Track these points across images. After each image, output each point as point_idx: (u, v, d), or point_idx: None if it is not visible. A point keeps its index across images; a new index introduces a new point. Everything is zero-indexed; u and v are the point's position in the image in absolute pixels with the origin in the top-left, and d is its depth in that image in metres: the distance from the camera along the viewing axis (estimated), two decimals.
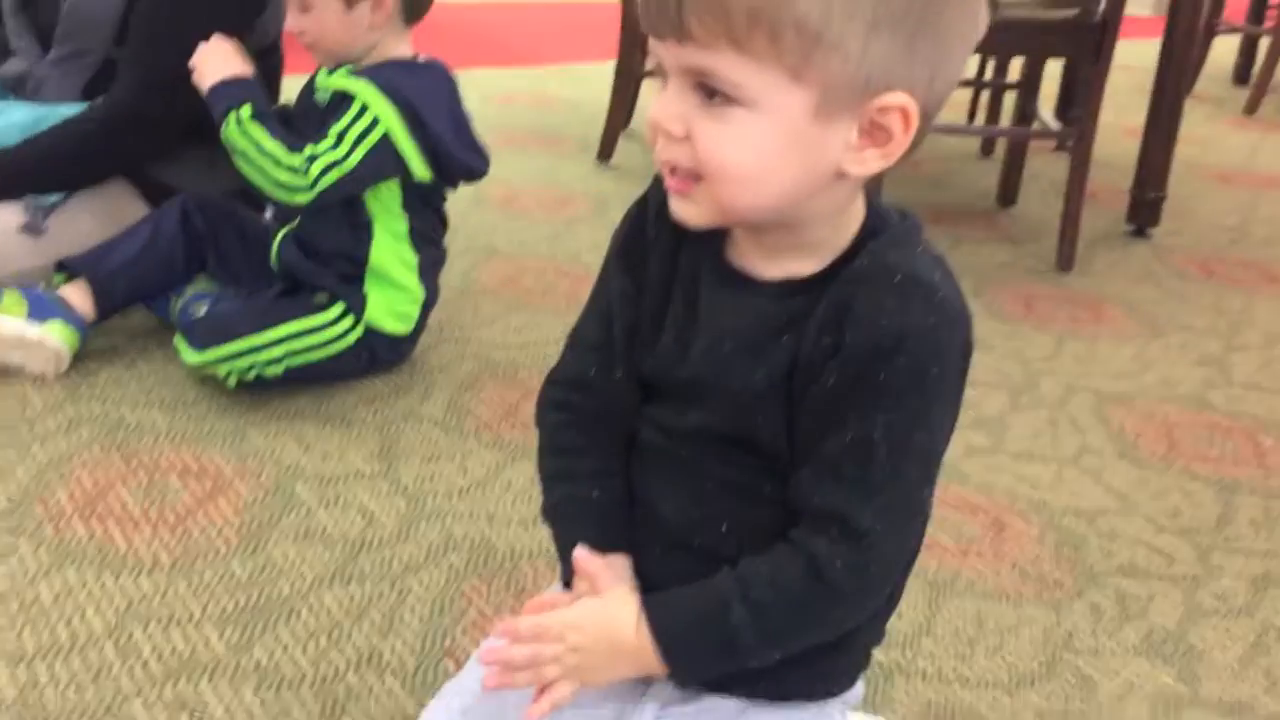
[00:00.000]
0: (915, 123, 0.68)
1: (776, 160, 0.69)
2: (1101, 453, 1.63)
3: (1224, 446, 1.68)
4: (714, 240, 0.80)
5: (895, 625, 1.22)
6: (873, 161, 0.70)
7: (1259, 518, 1.50)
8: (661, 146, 0.72)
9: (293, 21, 1.55)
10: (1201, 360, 1.97)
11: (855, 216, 0.76)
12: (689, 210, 0.73)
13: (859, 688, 0.88)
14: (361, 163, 1.52)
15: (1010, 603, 1.28)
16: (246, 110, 1.51)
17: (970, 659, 1.19)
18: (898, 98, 0.67)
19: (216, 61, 1.55)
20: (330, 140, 1.51)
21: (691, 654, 0.76)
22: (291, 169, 1.50)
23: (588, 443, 0.85)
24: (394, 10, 1.55)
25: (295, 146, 1.51)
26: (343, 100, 1.54)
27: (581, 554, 0.79)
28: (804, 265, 0.76)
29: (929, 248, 0.76)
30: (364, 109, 1.51)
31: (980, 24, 0.71)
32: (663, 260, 0.82)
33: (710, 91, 0.68)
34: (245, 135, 1.51)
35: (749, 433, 0.77)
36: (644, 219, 0.83)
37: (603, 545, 0.82)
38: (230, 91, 1.53)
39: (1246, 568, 1.39)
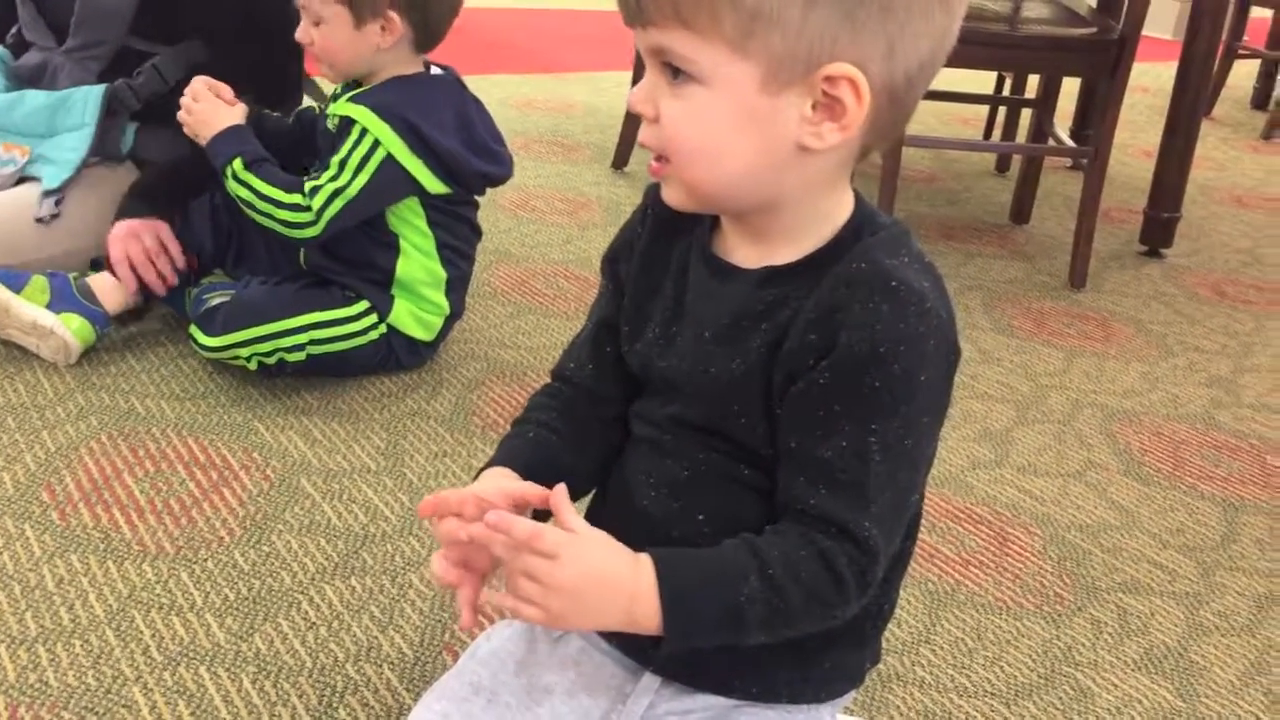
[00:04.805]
0: (866, 94, 0.69)
1: (730, 133, 0.71)
2: (1107, 469, 1.63)
3: (1230, 466, 1.67)
4: (703, 233, 0.82)
5: (894, 633, 1.22)
6: (830, 135, 0.71)
7: (1264, 537, 1.49)
8: (641, 131, 0.75)
9: (304, 32, 1.57)
10: (1210, 380, 1.96)
11: (841, 207, 0.78)
12: (667, 193, 0.76)
13: (848, 694, 0.89)
14: (366, 187, 1.53)
15: (1010, 615, 1.28)
16: (238, 163, 1.55)
17: (968, 669, 1.19)
18: (842, 68, 0.69)
19: (205, 116, 1.58)
20: (332, 170, 1.54)
21: (694, 615, 0.72)
22: (294, 206, 1.53)
23: (557, 418, 0.87)
24: (404, 36, 1.56)
25: (294, 185, 1.54)
26: (347, 127, 1.56)
27: (560, 490, 0.74)
28: (785, 253, 0.77)
29: (918, 252, 0.77)
30: (364, 133, 1.53)
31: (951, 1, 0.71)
32: (652, 256, 0.84)
33: (675, 71, 0.71)
34: (243, 185, 1.54)
35: (724, 420, 0.78)
36: (637, 223, 0.86)
37: (517, 469, 0.82)
38: (221, 149, 1.56)
39: (1250, 587, 1.38)
